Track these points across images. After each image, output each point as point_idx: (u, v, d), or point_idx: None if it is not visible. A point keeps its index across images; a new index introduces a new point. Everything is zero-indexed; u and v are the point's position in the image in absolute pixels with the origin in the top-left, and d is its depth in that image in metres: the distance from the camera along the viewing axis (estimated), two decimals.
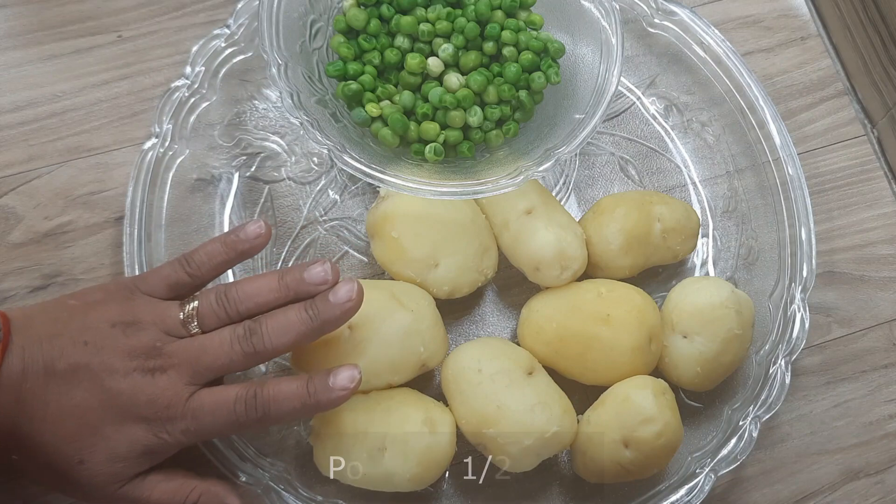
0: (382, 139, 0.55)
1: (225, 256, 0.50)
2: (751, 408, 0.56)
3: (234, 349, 0.46)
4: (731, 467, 0.54)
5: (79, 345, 0.45)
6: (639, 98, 0.65)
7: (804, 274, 0.59)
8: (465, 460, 0.55)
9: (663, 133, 0.65)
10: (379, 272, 0.59)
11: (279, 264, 0.58)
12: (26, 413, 0.44)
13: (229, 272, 0.57)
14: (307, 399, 0.46)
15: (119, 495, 0.46)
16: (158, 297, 0.48)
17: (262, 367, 0.57)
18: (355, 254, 0.60)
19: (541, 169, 0.52)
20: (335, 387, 0.47)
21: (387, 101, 0.56)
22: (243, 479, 0.51)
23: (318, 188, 0.61)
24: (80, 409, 0.44)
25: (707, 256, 0.62)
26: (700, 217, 0.61)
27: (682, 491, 0.54)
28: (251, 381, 0.47)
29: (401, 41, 0.56)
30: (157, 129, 0.57)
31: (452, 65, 0.56)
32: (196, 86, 0.59)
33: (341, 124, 0.54)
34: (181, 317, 0.47)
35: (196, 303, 0.48)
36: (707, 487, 0.54)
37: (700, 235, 0.60)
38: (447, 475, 0.55)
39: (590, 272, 0.58)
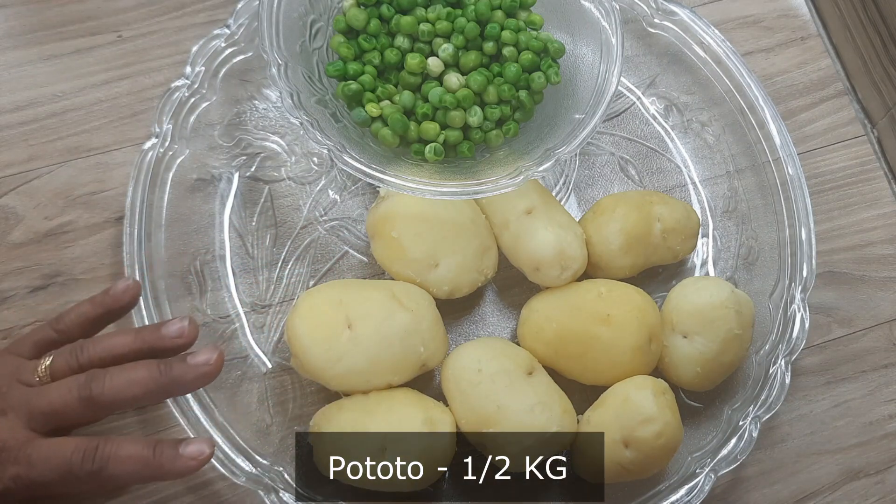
0: (382, 139, 0.55)
1: (93, 314, 0.49)
2: (751, 408, 0.56)
3: (70, 394, 0.45)
4: (731, 467, 0.54)
5: None
6: (639, 98, 0.65)
7: (804, 274, 0.59)
8: (465, 460, 0.55)
9: (663, 133, 0.65)
10: (379, 272, 0.59)
11: (279, 264, 0.58)
12: None
13: None
14: (150, 461, 0.44)
15: None
16: (26, 356, 0.48)
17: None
18: (355, 254, 0.60)
19: (541, 169, 0.52)
20: (184, 454, 0.45)
21: (387, 101, 0.56)
22: (243, 479, 0.51)
23: (318, 188, 0.61)
24: None
25: (707, 256, 0.62)
26: (700, 217, 0.61)
27: (682, 491, 0.54)
28: (94, 437, 0.45)
29: (401, 41, 0.56)
30: (157, 129, 0.57)
31: (452, 65, 0.56)
32: (196, 86, 0.59)
33: (341, 124, 0.54)
34: (37, 370, 0.47)
35: (50, 358, 0.47)
36: (707, 487, 0.54)
37: (700, 235, 0.60)
38: (447, 475, 0.55)
39: (590, 272, 0.58)
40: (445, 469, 0.53)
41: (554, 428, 0.51)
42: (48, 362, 0.47)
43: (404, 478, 0.50)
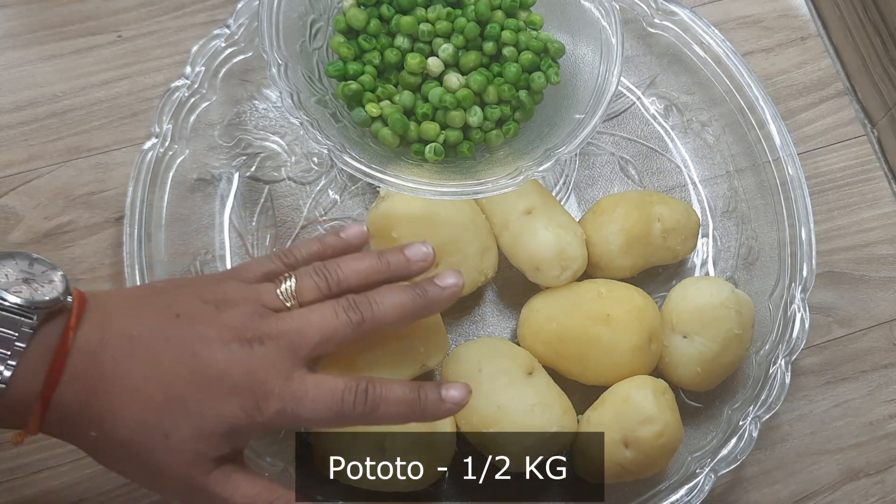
0: (382, 139, 0.55)
1: (322, 255, 0.47)
2: (751, 408, 0.56)
3: (339, 318, 0.43)
4: (731, 467, 0.54)
5: (169, 316, 0.42)
6: (639, 98, 0.65)
7: (804, 274, 0.59)
8: (465, 460, 0.55)
9: (663, 133, 0.65)
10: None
11: None
12: (107, 383, 0.40)
13: None
14: (416, 404, 0.44)
15: (199, 485, 0.42)
16: (251, 282, 0.46)
17: None
18: None
19: (541, 169, 0.52)
20: (446, 399, 0.44)
21: (387, 101, 0.56)
22: None
23: (318, 188, 0.61)
24: (169, 377, 0.41)
25: (707, 256, 0.62)
26: (700, 217, 0.61)
27: (682, 491, 0.54)
28: (361, 376, 0.44)
29: (401, 41, 0.56)
30: (157, 129, 0.57)
31: (452, 65, 0.56)
32: (196, 86, 0.59)
33: (341, 124, 0.54)
34: (278, 292, 0.44)
35: (293, 280, 0.45)
36: (707, 487, 0.54)
37: (700, 235, 0.60)
38: (447, 475, 0.55)
39: (590, 272, 0.58)
40: (445, 469, 0.53)
41: (554, 428, 0.51)
42: (291, 284, 0.45)
43: (404, 478, 0.50)
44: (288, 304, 0.44)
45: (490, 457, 0.52)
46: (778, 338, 0.58)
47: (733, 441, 0.55)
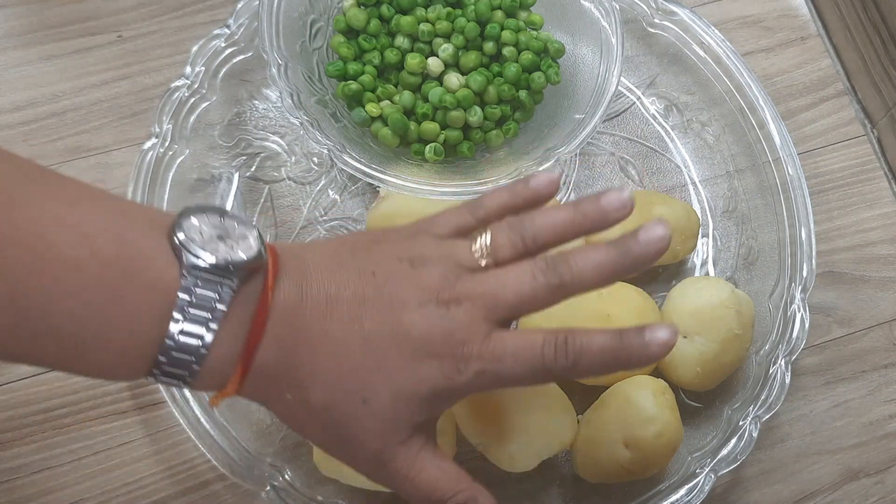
0: (382, 139, 0.55)
1: (512, 205, 0.45)
2: (751, 408, 0.56)
3: (537, 280, 0.41)
4: (731, 467, 0.54)
5: (365, 275, 0.40)
6: (639, 98, 0.65)
7: (804, 274, 0.59)
8: (465, 460, 0.55)
9: (663, 133, 0.65)
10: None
11: None
12: (307, 343, 0.39)
13: None
14: (620, 350, 0.41)
15: (389, 457, 0.40)
16: (444, 238, 0.43)
17: None
18: None
19: (541, 169, 0.52)
20: (651, 342, 0.41)
21: (387, 101, 0.56)
22: (243, 479, 0.51)
23: (318, 188, 0.61)
24: (369, 338, 0.39)
25: (707, 256, 0.62)
26: (700, 217, 0.61)
27: (682, 491, 0.54)
28: (558, 329, 0.41)
29: (401, 41, 0.56)
30: (157, 129, 0.57)
31: (452, 65, 0.56)
32: (196, 86, 0.59)
33: (341, 124, 0.54)
34: (473, 249, 0.42)
35: (488, 235, 0.43)
36: (707, 487, 0.54)
37: (700, 235, 0.60)
38: None
39: None
40: None
41: (554, 428, 0.51)
42: (485, 240, 0.42)
43: None
44: (483, 263, 0.42)
45: (490, 457, 0.52)
46: (778, 338, 0.58)
47: (733, 441, 0.55)
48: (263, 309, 0.38)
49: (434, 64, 0.56)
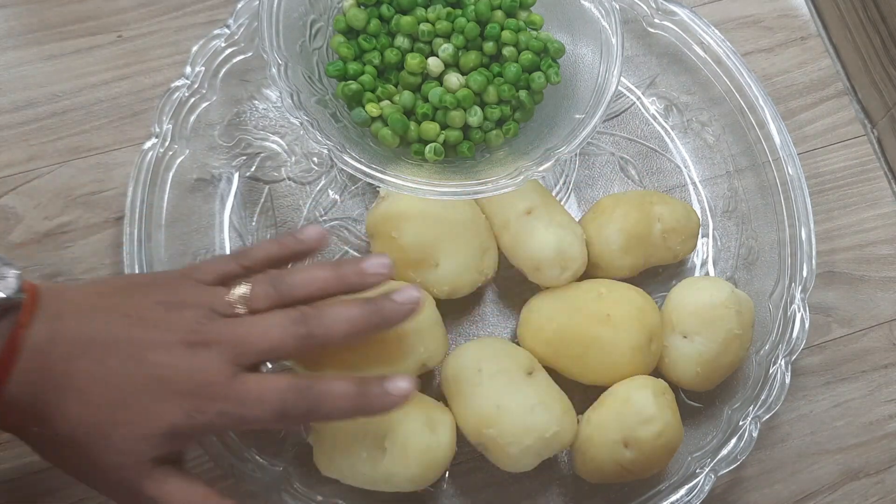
0: (382, 139, 0.55)
1: (279, 256, 0.48)
2: (751, 408, 0.56)
3: (286, 331, 0.43)
4: (731, 467, 0.54)
5: (119, 317, 0.43)
6: (639, 98, 0.65)
7: (804, 274, 0.59)
8: (465, 460, 0.55)
9: (663, 133, 0.65)
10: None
11: None
12: (53, 382, 0.41)
13: None
14: (359, 399, 0.44)
15: (136, 487, 0.42)
16: (208, 285, 0.46)
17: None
18: (355, 254, 0.59)
19: (541, 169, 0.52)
20: (391, 392, 0.44)
21: (387, 101, 0.56)
22: (243, 479, 0.51)
23: (318, 188, 0.61)
24: (113, 378, 0.41)
25: (707, 256, 0.62)
26: (700, 217, 0.61)
27: (682, 491, 0.54)
28: (301, 374, 0.44)
29: (401, 41, 0.56)
30: (157, 129, 0.57)
31: (452, 65, 0.56)
32: (196, 86, 0.59)
33: (341, 124, 0.54)
34: (228, 299, 0.44)
35: (247, 286, 0.45)
36: (707, 487, 0.54)
37: (700, 235, 0.60)
38: (447, 475, 0.56)
39: (590, 272, 0.58)
40: (445, 469, 0.53)
41: (554, 428, 0.51)
42: (244, 291, 0.45)
43: (404, 478, 0.50)
44: (238, 310, 0.44)
45: (490, 457, 0.52)
46: (778, 338, 0.58)
47: (733, 441, 0.55)
48: (13, 347, 0.41)
49: (434, 64, 0.56)
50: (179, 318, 0.43)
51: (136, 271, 0.55)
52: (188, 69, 0.58)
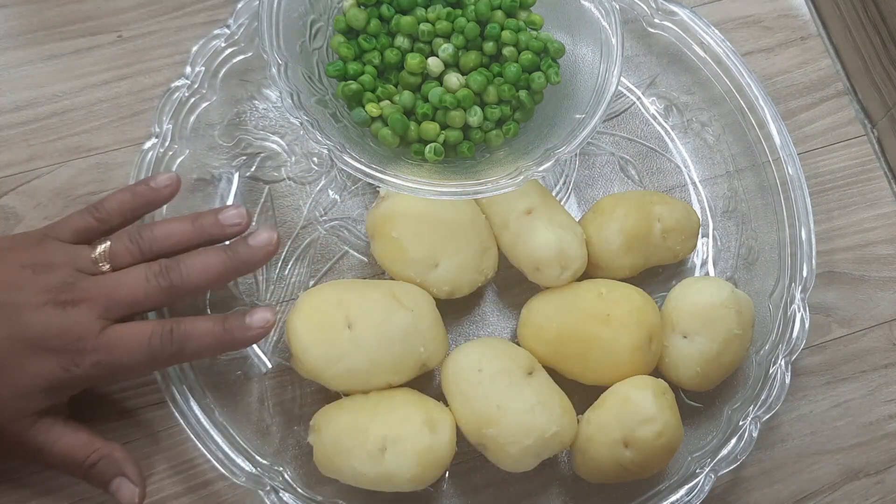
0: (382, 139, 0.55)
1: (133, 204, 0.50)
2: (751, 408, 0.56)
3: (149, 283, 0.47)
4: (731, 467, 0.54)
5: None
6: (639, 98, 0.65)
7: (804, 274, 0.59)
8: (464, 460, 0.55)
9: (663, 133, 0.65)
10: (379, 272, 0.59)
11: (279, 264, 0.58)
12: None
13: None
14: (223, 335, 0.47)
15: (23, 437, 0.45)
16: (67, 241, 0.49)
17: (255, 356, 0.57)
18: (355, 254, 0.60)
19: (541, 169, 0.52)
20: (252, 325, 0.48)
21: (387, 101, 0.56)
22: (243, 479, 0.51)
23: (318, 188, 0.61)
24: None
25: (707, 256, 0.62)
26: (700, 217, 0.61)
27: (682, 491, 0.54)
28: (166, 319, 0.47)
29: (401, 41, 0.56)
30: (157, 129, 0.57)
31: (452, 65, 0.56)
32: (196, 86, 0.59)
33: (341, 124, 0.54)
34: (92, 256, 0.47)
35: (108, 243, 0.48)
36: (707, 487, 0.54)
37: (700, 235, 0.60)
38: (447, 475, 0.56)
39: (590, 272, 0.58)
40: (445, 469, 0.53)
41: (554, 428, 0.51)
42: (105, 248, 0.48)
43: (404, 478, 0.50)
44: (103, 268, 0.47)
45: (490, 457, 0.52)
46: (778, 338, 0.58)
47: (733, 441, 0.55)
48: None
49: (434, 64, 0.56)
50: (47, 279, 0.46)
51: None
52: (188, 69, 0.58)
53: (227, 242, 0.51)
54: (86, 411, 0.52)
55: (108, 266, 0.47)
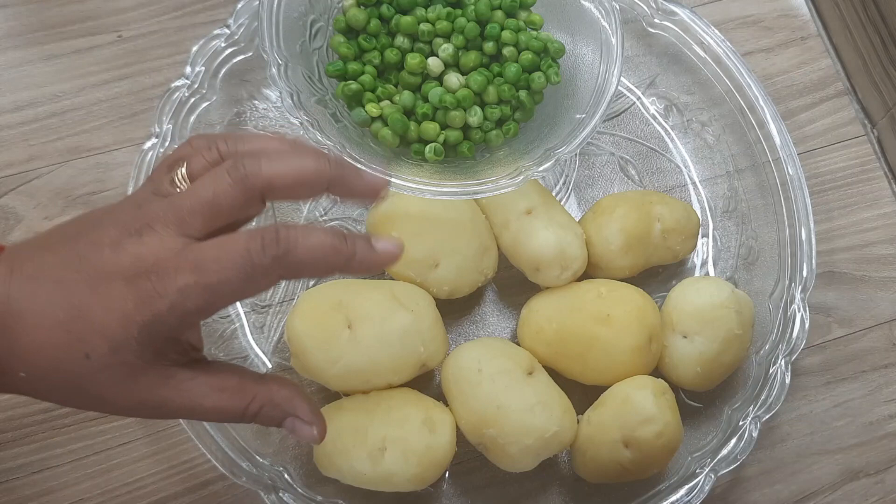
0: (382, 139, 0.55)
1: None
2: (751, 408, 0.56)
3: (219, 178, 0.38)
4: (731, 467, 0.54)
5: (69, 236, 0.39)
6: (639, 98, 0.65)
7: (804, 274, 0.59)
8: (464, 460, 0.55)
9: (663, 133, 0.65)
10: (379, 272, 0.59)
11: None
12: (20, 321, 0.38)
13: None
14: (342, 248, 0.39)
15: (159, 401, 0.39)
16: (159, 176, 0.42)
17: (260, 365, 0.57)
18: None
19: (541, 169, 0.52)
20: (377, 247, 0.40)
21: (387, 101, 0.56)
22: (243, 479, 0.51)
23: None
24: (69, 290, 0.38)
25: (707, 256, 0.62)
26: (700, 217, 0.61)
27: (682, 491, 0.54)
28: (270, 224, 0.39)
29: (401, 41, 0.56)
30: (157, 129, 0.57)
31: (452, 65, 0.56)
32: (196, 86, 0.59)
33: (341, 124, 0.54)
34: (173, 179, 0.40)
35: (186, 161, 0.41)
36: (707, 487, 0.54)
37: (700, 235, 0.60)
38: (447, 475, 0.56)
39: (590, 272, 0.58)
40: (445, 469, 0.53)
41: (554, 428, 0.51)
42: (183, 168, 0.40)
43: (404, 478, 0.50)
44: (181, 186, 0.40)
45: (490, 457, 0.52)
46: (778, 338, 0.58)
47: (733, 441, 0.55)
48: None
49: (434, 64, 0.56)
50: (119, 212, 0.40)
51: None
52: (188, 69, 0.58)
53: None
54: (86, 411, 0.52)
55: (186, 184, 0.40)
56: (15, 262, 0.39)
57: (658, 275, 0.61)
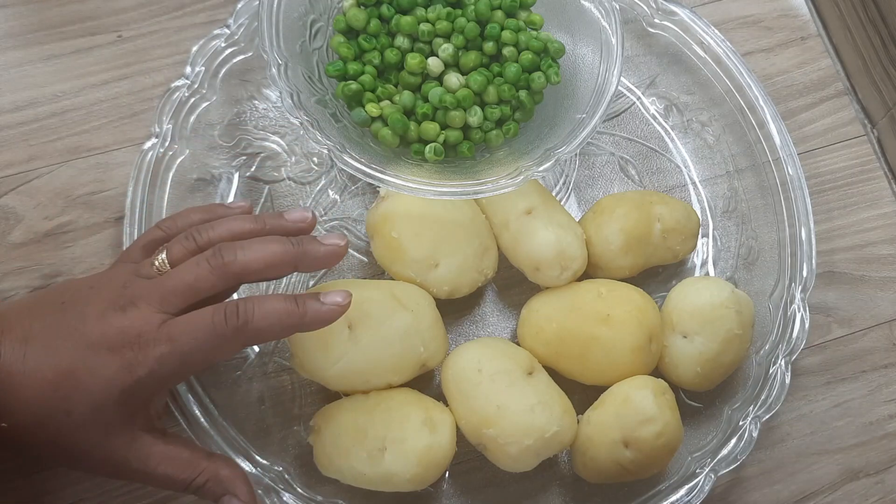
0: (382, 139, 0.55)
1: (202, 223, 0.49)
2: (751, 408, 0.56)
3: (200, 266, 0.45)
4: (731, 467, 0.54)
5: (56, 305, 0.45)
6: (639, 98, 0.65)
7: (804, 274, 0.59)
8: (464, 460, 0.55)
9: (663, 133, 0.65)
10: (379, 272, 0.59)
11: None
12: (6, 375, 0.43)
13: None
14: (294, 311, 0.44)
15: (120, 459, 0.44)
16: (137, 261, 0.48)
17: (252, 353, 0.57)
18: (355, 254, 0.60)
19: (541, 169, 0.52)
20: (326, 302, 0.45)
21: (387, 101, 0.56)
22: None
23: (318, 188, 0.61)
24: (56, 355, 0.43)
25: (707, 256, 0.62)
26: (700, 217, 0.61)
27: (682, 491, 0.54)
28: (232, 300, 0.46)
29: (401, 41, 0.56)
30: (157, 129, 0.57)
31: (452, 65, 0.56)
32: (196, 86, 0.59)
33: (341, 124, 0.54)
34: (154, 263, 0.46)
35: (166, 248, 0.47)
36: (707, 487, 0.54)
37: (700, 235, 0.60)
38: (447, 475, 0.56)
39: (590, 272, 0.58)
40: (445, 469, 0.53)
41: (554, 428, 0.51)
42: (163, 254, 0.46)
43: (404, 478, 0.50)
44: (162, 270, 0.46)
45: (490, 457, 0.52)
46: (778, 338, 0.58)
47: (733, 441, 0.55)
48: None
49: (434, 64, 0.56)
50: (107, 289, 0.45)
51: None
52: (188, 69, 0.58)
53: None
54: None
55: (167, 269, 0.46)
56: (4, 325, 0.44)
57: (658, 275, 0.61)
